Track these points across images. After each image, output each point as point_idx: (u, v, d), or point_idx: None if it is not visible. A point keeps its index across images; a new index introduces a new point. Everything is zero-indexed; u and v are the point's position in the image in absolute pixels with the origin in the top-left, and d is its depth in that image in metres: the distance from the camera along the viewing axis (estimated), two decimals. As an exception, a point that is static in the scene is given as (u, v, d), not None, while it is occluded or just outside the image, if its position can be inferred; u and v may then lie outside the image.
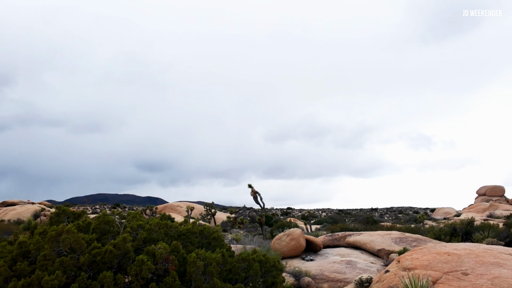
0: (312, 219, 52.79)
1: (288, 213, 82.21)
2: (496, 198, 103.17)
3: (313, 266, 13.17)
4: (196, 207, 53.21)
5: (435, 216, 72.82)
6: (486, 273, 8.23)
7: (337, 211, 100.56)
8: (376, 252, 14.87)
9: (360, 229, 22.24)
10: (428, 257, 9.60)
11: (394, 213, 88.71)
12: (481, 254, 9.33)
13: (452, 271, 8.56)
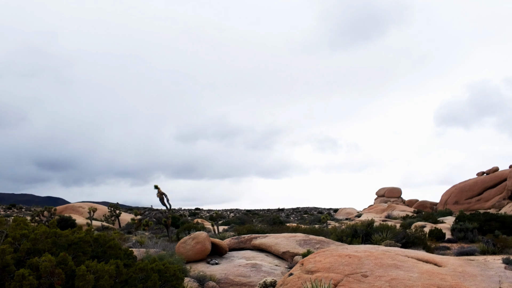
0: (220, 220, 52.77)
1: (196, 213, 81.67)
2: (394, 199, 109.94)
3: (218, 270, 13.01)
4: (100, 208, 51.17)
5: (338, 216, 76.02)
6: (384, 275, 8.53)
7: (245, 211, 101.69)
8: (281, 255, 15.04)
9: (266, 230, 22.46)
10: (331, 259, 9.80)
11: (299, 213, 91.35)
12: (380, 256, 9.69)
13: (353, 274, 8.79)
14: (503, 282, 8.61)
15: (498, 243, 17.70)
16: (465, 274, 8.84)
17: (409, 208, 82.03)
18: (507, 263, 10.43)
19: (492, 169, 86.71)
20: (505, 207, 66.82)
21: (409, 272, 8.69)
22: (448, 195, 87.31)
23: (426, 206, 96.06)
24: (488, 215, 25.46)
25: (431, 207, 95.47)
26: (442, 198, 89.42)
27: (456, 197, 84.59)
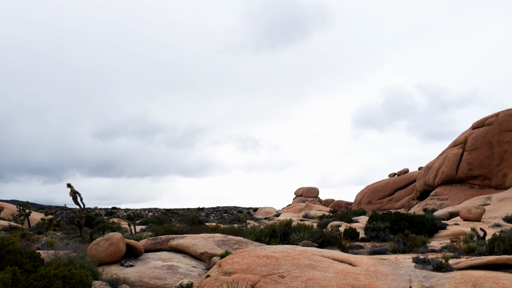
0: (138, 220, 51.49)
1: (113, 213, 79.14)
2: (311, 199, 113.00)
3: (133, 273, 12.53)
4: (8, 206, 48.06)
5: (257, 215, 76.78)
6: (301, 275, 8.58)
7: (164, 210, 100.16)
8: (199, 256, 14.80)
9: (185, 230, 22.11)
10: (249, 260, 9.73)
11: (219, 212, 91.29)
12: (297, 257, 9.76)
13: (270, 274, 8.76)
14: (413, 281, 8.97)
15: (407, 242, 18.58)
16: (378, 273, 9.12)
17: (325, 207, 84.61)
18: (416, 262, 10.92)
19: (402, 171, 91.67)
20: (414, 207, 70.82)
21: (324, 272, 8.81)
22: (362, 195, 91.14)
23: (342, 206, 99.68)
24: (399, 215, 26.71)
25: (346, 206, 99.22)
26: (357, 198, 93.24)
27: (369, 197, 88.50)
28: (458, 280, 8.89)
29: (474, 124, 67.32)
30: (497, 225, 28.88)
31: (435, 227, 25.66)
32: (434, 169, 69.53)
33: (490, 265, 10.38)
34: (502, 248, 14.58)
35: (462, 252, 16.08)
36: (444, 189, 65.38)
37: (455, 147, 67.77)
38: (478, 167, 61.99)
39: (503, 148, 60.86)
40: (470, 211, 33.32)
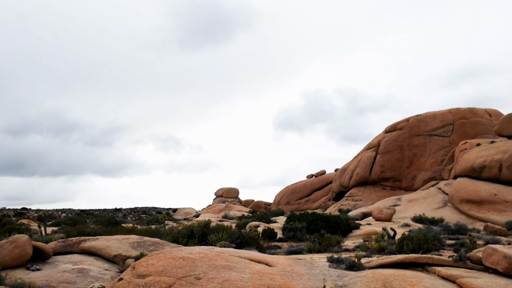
0: (49, 221, 48.95)
1: (22, 214, 74.66)
2: (231, 199, 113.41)
3: (39, 277, 11.83)
4: None
5: (177, 216, 75.78)
6: (217, 277, 8.49)
7: (79, 211, 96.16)
8: (112, 258, 14.27)
9: (99, 232, 21.29)
10: (164, 262, 9.50)
11: (138, 213, 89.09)
12: (214, 258, 9.66)
13: (186, 276, 8.60)
14: (327, 280, 9.18)
15: (323, 241, 19.06)
16: (293, 273, 9.23)
17: (245, 208, 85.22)
18: (330, 261, 11.21)
19: (320, 172, 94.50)
20: (330, 207, 73.16)
21: (241, 273, 8.78)
22: (281, 196, 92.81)
23: (261, 206, 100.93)
24: (315, 215, 27.41)
25: (265, 207, 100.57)
26: (276, 198, 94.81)
27: (288, 197, 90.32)
28: (369, 279, 9.21)
29: (386, 128, 70.80)
30: (406, 225, 30.47)
31: (349, 227, 26.56)
32: (349, 171, 72.20)
33: (400, 264, 10.86)
34: (410, 247, 15.35)
35: (373, 251, 16.72)
36: (358, 190, 68.09)
37: (369, 150, 70.85)
38: (389, 169, 65.23)
39: (412, 151, 64.51)
40: (382, 211, 34.91)
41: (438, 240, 20.30)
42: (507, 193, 38.13)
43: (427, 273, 10.26)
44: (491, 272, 10.32)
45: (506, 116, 51.14)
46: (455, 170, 47.53)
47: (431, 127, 64.93)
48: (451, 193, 42.22)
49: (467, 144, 50.83)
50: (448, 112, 66.05)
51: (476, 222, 35.52)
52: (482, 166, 42.52)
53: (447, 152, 60.80)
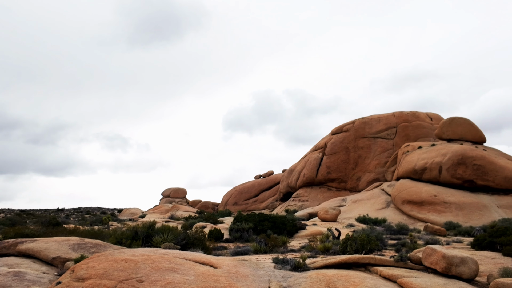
0: (-16, 222, 46.65)
1: (-45, 214, 70.88)
2: (179, 199, 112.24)
3: (-30, 282, 11.19)
4: None
5: (122, 217, 74.14)
6: (160, 279, 8.32)
7: (19, 211, 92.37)
8: (51, 261, 13.73)
9: (38, 233, 20.46)
10: (105, 265, 9.21)
11: (81, 213, 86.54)
12: (157, 260, 9.46)
13: (128, 279, 8.38)
14: (272, 281, 9.18)
15: (269, 242, 19.13)
16: (238, 274, 9.18)
17: (192, 208, 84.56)
18: (276, 262, 11.23)
19: (268, 173, 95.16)
20: (277, 208, 73.75)
21: (185, 275, 8.64)
22: (228, 196, 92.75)
23: (208, 207, 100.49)
24: (262, 216, 27.49)
25: (213, 207, 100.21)
26: (223, 199, 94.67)
27: (236, 198, 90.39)
28: (313, 279, 9.29)
29: (333, 130, 72.20)
30: (350, 225, 31.11)
31: (295, 227, 26.82)
32: (296, 171, 73.06)
33: (343, 264, 11.04)
34: (354, 248, 15.65)
35: (318, 252, 16.93)
36: (305, 191, 69.00)
37: (316, 151, 71.98)
38: (335, 170, 66.52)
39: (357, 153, 66.09)
40: (327, 212, 35.49)
41: (380, 240, 20.83)
42: (446, 195, 39.72)
43: (370, 273, 10.47)
44: (430, 271, 10.66)
45: (446, 120, 53.35)
46: (398, 172, 49.06)
47: (375, 130, 66.75)
48: (394, 194, 43.53)
49: (409, 147, 52.57)
50: (392, 115, 68.13)
51: (417, 222, 36.78)
52: (423, 168, 44.10)
53: (391, 154, 62.68)
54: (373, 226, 30.52)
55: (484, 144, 51.18)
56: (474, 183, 41.03)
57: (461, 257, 10.42)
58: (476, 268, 10.63)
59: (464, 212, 37.04)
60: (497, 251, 15.28)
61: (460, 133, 50.74)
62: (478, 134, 51.13)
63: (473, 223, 34.08)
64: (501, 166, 41.41)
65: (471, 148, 44.07)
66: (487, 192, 40.96)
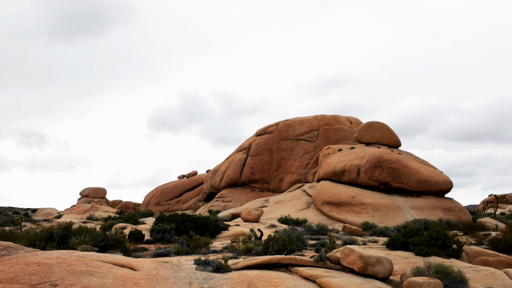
0: None
1: None
2: (98, 199, 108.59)
3: None
4: None
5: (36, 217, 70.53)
6: (76, 283, 7.98)
7: None
8: (-46, 265, 12.75)
9: None
10: (16, 268, 8.69)
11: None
12: (73, 263, 9.06)
13: (41, 283, 7.95)
14: (193, 283, 9.08)
15: (191, 243, 18.96)
16: (159, 277, 9.00)
17: (112, 209, 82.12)
18: (198, 264, 11.14)
19: (191, 173, 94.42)
20: (200, 208, 73.38)
21: (103, 279, 8.34)
22: (150, 197, 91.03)
23: (129, 207, 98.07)
24: (185, 216, 27.19)
25: (134, 208, 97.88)
26: (145, 199, 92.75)
27: (158, 198, 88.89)
28: (235, 280, 9.30)
29: (257, 132, 72.99)
30: (272, 226, 31.55)
31: (218, 228, 26.77)
32: (220, 172, 73.09)
33: (265, 265, 11.15)
34: (275, 248, 15.86)
35: (241, 253, 17.01)
36: (228, 191, 69.18)
37: (240, 152, 72.41)
38: (259, 171, 67.28)
39: (281, 155, 67.27)
40: (250, 212, 35.80)
41: (301, 240, 21.29)
42: (363, 196, 41.38)
43: (291, 274, 10.66)
44: (348, 271, 11.03)
45: (364, 124, 55.61)
46: (319, 174, 50.45)
47: (298, 132, 68.29)
48: (314, 195, 44.71)
49: (330, 149, 54.24)
50: (314, 118, 70.03)
51: (336, 222, 38.01)
52: (343, 171, 45.67)
53: (312, 156, 64.36)
54: (294, 227, 31.12)
55: (399, 148, 53.84)
56: (390, 185, 43.07)
57: (377, 257, 10.87)
58: (391, 267, 11.14)
59: (380, 213, 38.79)
60: (410, 250, 16.06)
61: (377, 137, 53.04)
62: (393, 138, 53.71)
63: (388, 223, 35.76)
64: (414, 170, 43.79)
65: (387, 152, 46.21)
66: (401, 194, 43.16)
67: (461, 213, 42.71)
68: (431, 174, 44.44)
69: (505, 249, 20.90)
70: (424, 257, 14.79)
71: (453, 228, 33.15)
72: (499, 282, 12.16)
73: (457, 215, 41.70)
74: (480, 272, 12.99)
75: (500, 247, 21.14)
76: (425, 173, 43.88)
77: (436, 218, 38.49)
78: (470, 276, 12.19)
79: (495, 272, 13.04)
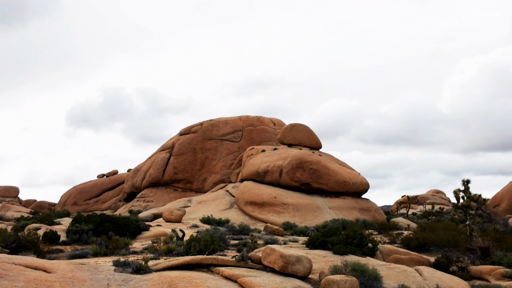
0: None
1: None
2: (10, 199, 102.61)
3: None
4: None
5: None
6: (-17, 288, 7.50)
7: None
8: None
9: None
10: None
11: None
12: (-19, 266, 8.51)
13: None
14: (111, 285, 8.82)
15: (110, 244, 18.43)
16: (75, 279, 8.66)
17: (25, 208, 77.99)
18: (116, 265, 10.84)
19: (111, 172, 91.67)
20: (121, 208, 71.47)
21: (14, 282, 7.90)
22: (67, 196, 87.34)
23: (44, 207, 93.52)
24: (104, 217, 26.36)
25: (49, 207, 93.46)
26: (62, 199, 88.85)
27: (76, 198, 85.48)
28: (155, 282, 9.15)
29: (181, 131, 72.26)
30: (195, 226, 31.36)
31: (138, 228, 26.19)
32: (142, 171, 71.62)
33: (187, 265, 11.06)
34: (197, 249, 15.79)
35: (162, 253, 16.76)
36: (150, 191, 67.94)
37: (163, 151, 71.33)
38: (182, 171, 66.65)
39: (205, 154, 67.04)
40: (172, 212, 35.34)
41: (223, 240, 21.33)
42: (285, 196, 42.19)
43: (212, 274, 10.65)
44: (269, 270, 11.20)
45: (287, 126, 56.75)
46: (242, 174, 50.82)
47: (222, 132, 68.40)
48: (237, 195, 44.98)
49: (253, 150, 54.80)
50: (239, 119, 70.46)
51: (258, 222, 38.45)
52: (266, 171, 46.30)
53: (236, 156, 64.73)
54: (217, 227, 31.14)
55: (320, 150, 55.45)
56: (310, 186, 44.23)
57: (297, 256, 11.13)
58: (310, 266, 11.44)
59: (301, 213, 39.73)
60: (329, 249, 16.59)
61: (299, 139, 54.29)
62: (315, 140, 55.23)
63: (308, 223, 36.69)
64: (334, 171, 45.30)
65: (308, 153, 47.44)
66: (321, 194, 44.45)
67: (376, 213, 44.77)
68: (349, 176, 46.19)
69: (416, 247, 22.17)
70: (341, 255, 15.33)
71: (368, 227, 34.62)
72: (410, 279, 12.86)
73: (373, 215, 43.67)
74: (393, 270, 13.67)
75: (412, 246, 22.39)
76: (343, 175, 45.52)
77: (353, 218, 40.05)
78: (384, 273, 12.79)
79: (406, 270, 13.78)
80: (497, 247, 19.18)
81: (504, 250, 18.48)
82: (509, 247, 19.51)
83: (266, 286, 9.52)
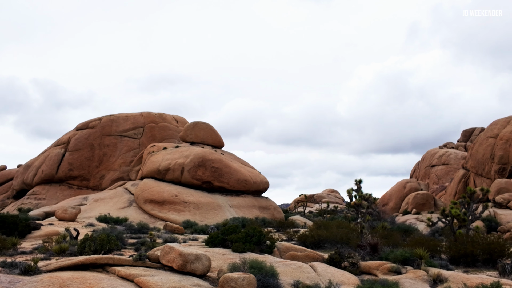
0: None
1: None
2: None
3: None
4: None
5: None
6: None
7: None
8: None
9: None
10: None
11: None
12: None
13: None
14: (-5, 288, 8.26)
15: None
16: (-47, 283, 7.99)
17: None
18: (3, 266, 10.17)
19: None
20: (9, 206, 66.87)
21: None
22: None
23: None
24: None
25: None
26: None
27: (-44, 195, 78.64)
28: (45, 283, 8.70)
29: (78, 126, 69.11)
30: (90, 225, 30.16)
31: (28, 227, 24.76)
32: (34, 167, 67.59)
33: (80, 265, 10.64)
34: (92, 248, 15.23)
35: (53, 253, 15.97)
36: (42, 188, 64.33)
37: (58, 146, 67.79)
38: (78, 168, 63.80)
39: (103, 151, 64.69)
40: (66, 211, 33.72)
41: (121, 239, 20.78)
42: (186, 194, 41.96)
43: (108, 274, 10.34)
44: (167, 269, 11.10)
45: (190, 124, 56.47)
46: (142, 172, 49.75)
47: (122, 128, 66.46)
48: (137, 193, 43.96)
49: (155, 147, 53.84)
50: (140, 115, 68.86)
51: (158, 221, 37.85)
52: (167, 169, 45.71)
53: (137, 153, 63.20)
54: (114, 226, 30.26)
55: (223, 149, 55.81)
56: (212, 184, 44.39)
57: (196, 254, 11.14)
58: (209, 264, 11.51)
59: (201, 211, 39.75)
60: (228, 247, 16.78)
61: (202, 137, 54.25)
62: (217, 139, 55.49)
63: (208, 221, 36.80)
64: (235, 170, 45.85)
65: (210, 152, 47.56)
66: (222, 193, 44.78)
67: (275, 211, 45.99)
68: (250, 174, 47.02)
69: (311, 244, 23.12)
70: (240, 253, 15.58)
71: (267, 225, 35.49)
72: (305, 275, 13.40)
73: (272, 213, 44.81)
74: (289, 266, 14.16)
75: (307, 243, 23.32)
76: (244, 173, 46.23)
77: (253, 216, 40.79)
78: (281, 270, 13.21)
79: (302, 266, 14.34)
80: (384, 243, 20.57)
81: (391, 246, 19.91)
82: (396, 243, 21.05)
83: (163, 285, 9.42)
